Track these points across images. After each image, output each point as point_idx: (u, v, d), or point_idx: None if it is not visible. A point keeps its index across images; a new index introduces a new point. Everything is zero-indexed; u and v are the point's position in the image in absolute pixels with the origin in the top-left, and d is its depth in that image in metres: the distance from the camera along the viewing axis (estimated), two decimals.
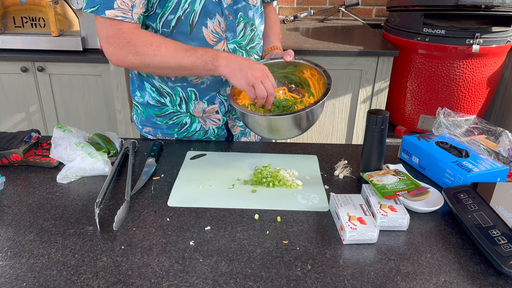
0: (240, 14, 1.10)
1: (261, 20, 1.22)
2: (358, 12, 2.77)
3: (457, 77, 2.13)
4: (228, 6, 1.08)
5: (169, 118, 1.23)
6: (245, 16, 1.12)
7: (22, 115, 2.31)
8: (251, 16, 1.14)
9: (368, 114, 0.96)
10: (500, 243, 0.76)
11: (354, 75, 2.17)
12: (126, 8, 0.98)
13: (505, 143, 1.05)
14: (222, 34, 1.09)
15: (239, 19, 1.11)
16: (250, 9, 1.13)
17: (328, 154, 1.17)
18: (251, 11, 1.13)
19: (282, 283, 0.71)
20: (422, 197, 0.91)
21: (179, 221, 0.87)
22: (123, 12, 0.98)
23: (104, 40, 1.02)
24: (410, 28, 2.16)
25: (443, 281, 0.73)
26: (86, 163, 1.00)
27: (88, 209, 0.90)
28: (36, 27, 2.17)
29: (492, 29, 2.04)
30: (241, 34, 1.13)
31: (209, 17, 1.06)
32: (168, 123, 1.24)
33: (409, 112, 2.33)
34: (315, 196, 0.96)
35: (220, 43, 1.10)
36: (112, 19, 0.99)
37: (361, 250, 0.80)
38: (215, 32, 1.08)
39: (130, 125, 2.26)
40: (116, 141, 1.13)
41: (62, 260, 0.75)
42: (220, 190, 0.98)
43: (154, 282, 0.71)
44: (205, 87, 1.16)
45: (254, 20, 1.16)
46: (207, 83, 1.16)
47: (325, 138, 2.34)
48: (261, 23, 1.22)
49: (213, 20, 1.07)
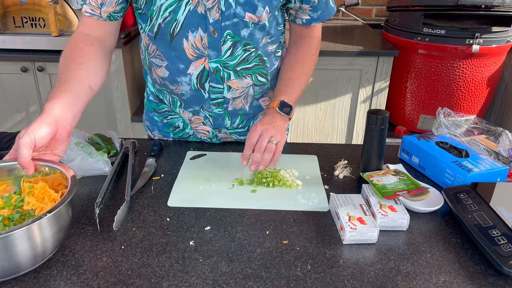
0: (227, 32, 0.99)
1: (275, 40, 1.09)
2: (358, 12, 2.77)
3: (457, 77, 2.13)
4: (215, 22, 0.97)
5: (164, 117, 1.23)
6: (235, 35, 1.00)
7: (22, 115, 2.31)
8: (246, 35, 1.01)
9: (368, 114, 0.96)
10: (500, 243, 0.76)
11: (354, 75, 2.17)
12: (95, 6, 0.99)
13: (505, 143, 1.05)
14: (204, 50, 1.00)
15: (225, 37, 0.99)
16: (245, 27, 1.00)
17: (328, 154, 1.17)
18: (246, 30, 1.00)
19: (282, 283, 0.71)
20: (422, 197, 0.91)
21: (179, 221, 0.87)
22: (91, 8, 0.99)
23: None
24: (410, 28, 2.16)
25: (443, 281, 0.73)
26: (86, 163, 1.00)
27: (88, 209, 0.90)
28: (36, 27, 2.16)
29: (492, 29, 2.04)
30: (227, 54, 1.02)
31: (191, 30, 0.98)
32: (163, 121, 1.24)
33: (409, 112, 2.33)
34: (315, 196, 0.96)
35: (200, 60, 1.02)
36: (83, 14, 1.01)
37: (361, 250, 0.80)
38: (195, 47, 1.00)
39: (130, 125, 2.26)
40: (116, 141, 1.13)
41: (62, 260, 0.75)
42: (220, 190, 0.98)
43: (154, 282, 0.71)
44: (186, 99, 1.11)
45: (252, 40, 1.02)
46: (187, 96, 1.09)
47: (325, 138, 2.34)
48: (273, 43, 1.08)
49: (195, 34, 0.98)
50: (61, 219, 0.74)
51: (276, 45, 1.10)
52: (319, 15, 1.09)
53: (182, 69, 1.04)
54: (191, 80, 1.06)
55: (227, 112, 1.14)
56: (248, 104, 1.15)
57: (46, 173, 0.84)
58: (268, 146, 0.97)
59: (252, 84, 1.10)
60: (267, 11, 0.99)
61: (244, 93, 1.11)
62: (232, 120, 1.17)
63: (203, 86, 1.07)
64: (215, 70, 1.04)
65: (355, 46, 2.12)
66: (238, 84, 1.08)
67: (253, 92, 1.12)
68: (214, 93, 1.08)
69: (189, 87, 1.07)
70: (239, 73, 1.06)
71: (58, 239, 0.74)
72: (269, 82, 1.14)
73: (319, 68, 2.15)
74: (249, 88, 1.11)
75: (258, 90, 1.13)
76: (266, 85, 1.14)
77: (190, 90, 1.08)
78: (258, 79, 1.10)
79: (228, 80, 1.06)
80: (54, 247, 0.74)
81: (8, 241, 0.65)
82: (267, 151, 0.97)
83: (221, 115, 1.14)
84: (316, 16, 1.09)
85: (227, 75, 1.05)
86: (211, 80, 1.06)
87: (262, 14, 0.99)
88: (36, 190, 0.79)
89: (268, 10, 1.00)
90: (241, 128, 1.22)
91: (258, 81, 1.10)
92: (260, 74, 1.10)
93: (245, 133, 1.22)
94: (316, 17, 1.09)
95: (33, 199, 0.77)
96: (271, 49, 1.09)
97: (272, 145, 0.97)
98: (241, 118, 1.18)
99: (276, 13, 1.04)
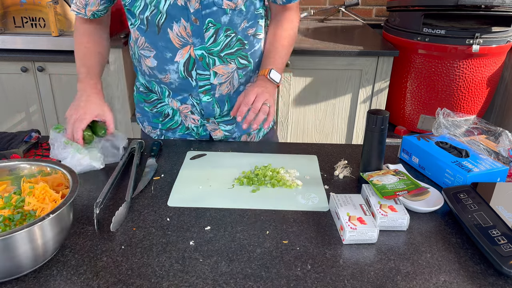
0: (208, 20, 1.05)
1: (253, 24, 1.14)
2: (358, 12, 2.77)
3: (457, 77, 2.13)
4: (196, 11, 1.04)
5: (153, 106, 1.27)
6: (216, 22, 1.06)
7: (22, 115, 2.31)
8: (226, 21, 1.07)
9: (368, 114, 0.96)
10: (500, 243, 0.76)
11: (354, 75, 2.17)
12: (80, 5, 1.13)
13: (505, 143, 1.05)
14: (188, 39, 1.07)
15: (207, 24, 1.06)
16: (224, 14, 1.06)
17: (328, 154, 1.17)
18: (225, 16, 1.06)
19: (282, 283, 0.71)
20: (422, 197, 0.92)
21: (179, 221, 0.87)
22: (77, 8, 1.14)
23: None
24: (410, 28, 2.16)
25: (443, 281, 0.73)
26: (75, 160, 1.02)
27: (88, 209, 0.90)
28: (36, 27, 2.16)
29: (492, 29, 2.04)
30: (211, 40, 1.08)
31: (175, 21, 1.05)
32: (153, 110, 1.28)
33: (409, 112, 2.33)
34: (315, 196, 0.96)
35: (186, 47, 1.08)
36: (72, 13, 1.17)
37: (361, 250, 0.80)
38: (180, 36, 1.06)
39: (130, 125, 2.26)
40: (121, 141, 1.12)
41: (62, 260, 0.75)
42: (220, 190, 0.98)
43: (154, 282, 0.71)
44: (175, 87, 1.16)
45: (231, 25, 1.08)
46: (176, 84, 1.15)
47: (325, 138, 2.34)
48: (251, 27, 1.14)
49: (179, 24, 1.05)
50: (63, 220, 0.74)
51: (254, 28, 1.16)
52: None
53: (169, 57, 1.10)
54: (178, 68, 1.11)
55: (215, 100, 1.18)
56: (234, 89, 1.20)
57: (47, 173, 0.84)
58: (263, 107, 1.06)
59: (236, 68, 1.15)
60: None
61: (230, 77, 1.16)
62: (221, 107, 1.21)
63: (190, 74, 1.12)
64: (200, 57, 1.09)
65: (355, 46, 2.12)
66: (224, 70, 1.13)
67: (238, 76, 1.17)
68: (202, 80, 1.13)
69: (176, 75, 1.12)
70: (223, 59, 1.12)
71: (59, 240, 0.74)
72: (251, 65, 1.18)
73: (319, 68, 2.16)
74: (234, 73, 1.16)
75: (242, 73, 1.18)
76: (249, 67, 1.18)
77: (178, 78, 1.13)
78: (240, 62, 1.15)
79: (214, 66, 1.12)
80: (55, 248, 0.74)
81: (10, 242, 0.65)
82: (261, 111, 1.05)
83: (210, 103, 1.19)
84: None
85: (212, 61, 1.11)
86: (198, 67, 1.11)
87: (238, 0, 1.06)
88: (36, 191, 0.79)
89: None
90: (227, 116, 1.26)
91: (240, 64, 1.16)
92: (241, 57, 1.15)
93: (231, 122, 1.27)
94: None
95: (34, 200, 0.77)
96: (251, 32, 1.15)
97: (266, 107, 1.06)
98: (228, 104, 1.22)
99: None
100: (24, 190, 0.80)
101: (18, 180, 0.84)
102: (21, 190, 0.81)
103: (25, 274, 0.71)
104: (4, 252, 0.66)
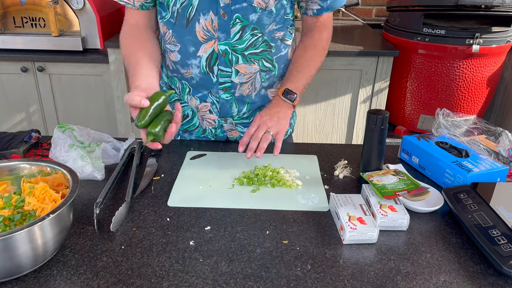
0: (236, 16, 1.04)
1: (282, 28, 1.11)
2: (358, 12, 2.77)
3: (457, 77, 2.13)
4: (225, 6, 1.03)
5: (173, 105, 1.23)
6: (244, 19, 1.05)
7: (22, 115, 2.31)
8: (254, 19, 1.06)
9: (368, 114, 0.96)
10: (500, 243, 0.76)
11: (354, 75, 2.17)
12: None
13: (505, 143, 1.05)
14: (214, 33, 1.06)
15: (234, 20, 1.05)
16: (253, 12, 1.05)
17: (328, 154, 1.17)
18: (254, 14, 1.05)
19: (282, 283, 0.71)
20: (422, 197, 0.92)
21: (179, 221, 0.87)
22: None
23: None
24: (410, 28, 2.16)
25: (443, 281, 0.73)
26: (77, 166, 0.98)
27: (88, 209, 0.90)
28: (36, 27, 2.16)
29: (492, 29, 2.04)
30: (236, 37, 1.07)
31: (203, 13, 1.04)
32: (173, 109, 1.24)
33: (409, 112, 2.33)
34: (315, 196, 0.96)
35: (210, 42, 1.07)
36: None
37: (361, 250, 0.80)
38: (206, 30, 1.06)
39: (130, 125, 2.26)
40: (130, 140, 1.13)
41: (62, 260, 0.75)
42: (220, 190, 0.98)
43: (154, 282, 0.71)
44: (195, 83, 1.15)
45: (259, 25, 1.07)
46: (197, 80, 1.14)
47: (325, 138, 2.34)
48: (279, 31, 1.11)
49: (206, 17, 1.04)
50: (63, 220, 0.74)
51: (283, 33, 1.13)
52: (328, 4, 1.13)
53: (192, 51, 1.09)
54: (201, 63, 1.10)
55: (234, 98, 1.16)
56: (256, 92, 1.17)
57: (47, 173, 0.84)
58: (264, 135, 1.04)
59: (259, 70, 1.13)
60: None
61: (252, 78, 1.14)
62: (239, 107, 1.19)
63: (212, 70, 1.11)
64: (223, 53, 1.08)
65: (355, 46, 2.12)
66: (246, 69, 1.11)
67: (260, 78, 1.15)
68: (222, 76, 1.12)
69: (198, 69, 1.11)
70: (247, 58, 1.10)
71: (59, 240, 0.74)
72: (276, 70, 1.16)
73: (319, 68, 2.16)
74: (256, 74, 1.13)
75: (265, 77, 1.15)
76: (273, 72, 1.16)
77: (199, 73, 1.12)
78: (264, 65, 1.13)
79: (236, 64, 1.10)
80: (55, 248, 0.74)
81: (10, 242, 0.65)
82: (263, 140, 1.04)
83: (228, 101, 1.17)
84: (326, 5, 1.13)
85: (235, 59, 1.09)
86: (220, 63, 1.09)
87: (270, 0, 1.04)
88: (36, 191, 0.79)
89: None
90: (246, 119, 1.24)
91: (264, 67, 1.13)
92: (266, 60, 1.13)
93: (249, 124, 1.23)
94: (326, 6, 1.13)
95: (34, 200, 0.77)
96: (278, 35, 1.12)
97: (268, 135, 1.05)
98: (247, 106, 1.19)
99: (284, 2, 1.08)
100: (24, 190, 0.80)
101: (18, 180, 0.84)
102: (21, 190, 0.81)
103: (25, 274, 0.71)
104: (4, 252, 0.66)
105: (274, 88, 1.20)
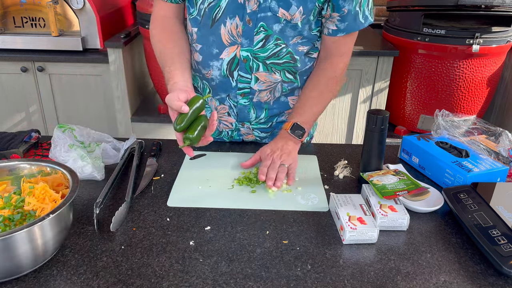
0: (261, 24, 1.03)
1: (307, 42, 1.09)
2: None
3: (457, 77, 2.13)
4: (252, 13, 1.01)
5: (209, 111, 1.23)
6: (268, 28, 1.03)
7: (22, 115, 2.31)
8: (277, 30, 1.03)
9: (368, 114, 0.96)
10: (500, 243, 0.76)
11: (354, 75, 2.17)
12: None
13: (505, 143, 1.05)
14: (237, 38, 1.05)
15: (258, 28, 1.03)
16: (277, 22, 1.02)
17: (328, 154, 1.17)
18: (278, 25, 1.03)
19: (282, 283, 0.71)
20: (422, 197, 0.92)
21: (179, 221, 0.87)
22: None
23: None
24: (410, 28, 2.16)
25: (443, 281, 0.73)
26: (77, 166, 0.98)
27: (88, 209, 0.90)
28: (36, 27, 2.17)
29: (492, 29, 2.04)
30: (259, 45, 1.05)
31: (229, 17, 1.03)
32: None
33: (409, 112, 2.33)
34: (315, 196, 0.96)
35: (233, 46, 1.06)
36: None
37: (361, 250, 0.80)
38: (230, 34, 1.05)
39: (130, 125, 2.26)
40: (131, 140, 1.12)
41: (62, 260, 0.75)
42: (220, 190, 0.98)
43: (154, 282, 0.71)
44: (215, 85, 1.15)
45: (282, 36, 1.05)
46: (216, 82, 1.13)
47: (325, 138, 2.34)
48: (304, 45, 1.09)
49: (232, 21, 1.03)
50: (63, 220, 0.74)
51: (308, 47, 1.10)
52: (345, 26, 1.06)
53: (215, 53, 1.08)
54: (222, 66, 1.09)
55: (252, 104, 1.16)
56: (275, 99, 1.16)
57: (47, 173, 0.84)
58: (280, 167, 1.02)
59: (281, 81, 1.12)
60: (300, 11, 1.01)
61: (271, 87, 1.13)
62: (257, 113, 1.18)
63: (232, 74, 1.10)
64: (245, 59, 1.07)
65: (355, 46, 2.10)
66: (266, 77, 1.10)
67: (281, 88, 1.14)
68: (242, 82, 1.11)
69: (219, 72, 1.11)
70: (268, 66, 1.09)
71: (59, 240, 0.74)
72: (298, 81, 1.15)
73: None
74: (277, 84, 1.13)
75: (287, 88, 1.15)
76: (295, 83, 1.15)
77: (219, 75, 1.11)
78: (286, 76, 1.12)
79: (257, 71, 1.09)
80: (55, 248, 0.74)
81: (10, 242, 0.65)
82: (280, 172, 1.01)
83: (246, 107, 1.16)
84: (342, 27, 1.06)
85: (256, 66, 1.08)
86: (240, 68, 1.09)
87: (295, 14, 1.01)
88: (36, 191, 0.79)
89: (302, 11, 1.01)
90: (264, 124, 1.22)
91: (286, 78, 1.12)
92: (289, 71, 1.11)
93: (267, 130, 1.24)
94: (343, 28, 1.07)
95: (34, 200, 0.77)
96: (302, 49, 1.10)
97: (284, 167, 1.02)
98: (266, 112, 1.19)
99: (311, 18, 1.04)
100: (24, 190, 0.80)
101: (18, 180, 0.84)
102: (21, 190, 0.81)
103: (25, 274, 0.71)
104: (4, 252, 0.66)
105: (295, 96, 1.18)
